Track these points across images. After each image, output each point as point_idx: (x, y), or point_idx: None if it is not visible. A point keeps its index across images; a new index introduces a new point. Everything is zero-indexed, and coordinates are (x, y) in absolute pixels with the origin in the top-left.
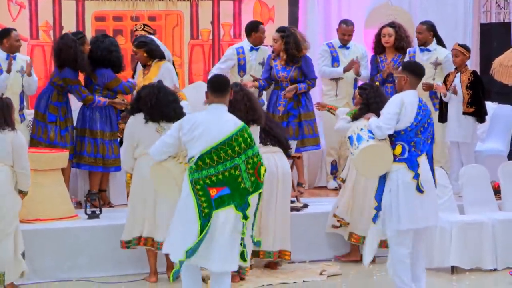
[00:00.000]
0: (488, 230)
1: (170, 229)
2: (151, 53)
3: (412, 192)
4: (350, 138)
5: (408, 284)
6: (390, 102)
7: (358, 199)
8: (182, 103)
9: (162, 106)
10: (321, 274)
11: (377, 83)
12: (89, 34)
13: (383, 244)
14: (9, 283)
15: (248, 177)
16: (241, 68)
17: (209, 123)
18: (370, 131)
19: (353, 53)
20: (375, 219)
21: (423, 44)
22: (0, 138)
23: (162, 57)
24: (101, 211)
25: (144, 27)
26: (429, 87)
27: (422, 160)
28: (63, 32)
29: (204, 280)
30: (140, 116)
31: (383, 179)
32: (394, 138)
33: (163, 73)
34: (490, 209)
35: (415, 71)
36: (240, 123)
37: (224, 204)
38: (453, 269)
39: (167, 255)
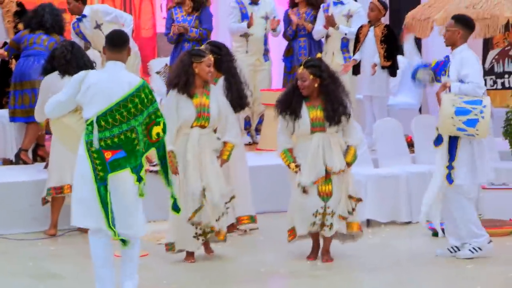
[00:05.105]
0: (403, 183)
1: (72, 197)
2: None
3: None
4: (459, 110)
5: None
6: (471, 61)
7: None
8: None
9: (77, 59)
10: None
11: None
12: None
13: None
14: None
15: (143, 138)
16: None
17: (103, 84)
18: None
19: (263, 9)
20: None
21: None
22: None
23: None
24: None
25: None
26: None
27: None
28: None
29: None
30: (53, 74)
31: (453, 138)
32: None
33: None
34: (404, 162)
35: (469, 24)
36: (136, 83)
37: (120, 167)
38: (369, 222)
39: None
